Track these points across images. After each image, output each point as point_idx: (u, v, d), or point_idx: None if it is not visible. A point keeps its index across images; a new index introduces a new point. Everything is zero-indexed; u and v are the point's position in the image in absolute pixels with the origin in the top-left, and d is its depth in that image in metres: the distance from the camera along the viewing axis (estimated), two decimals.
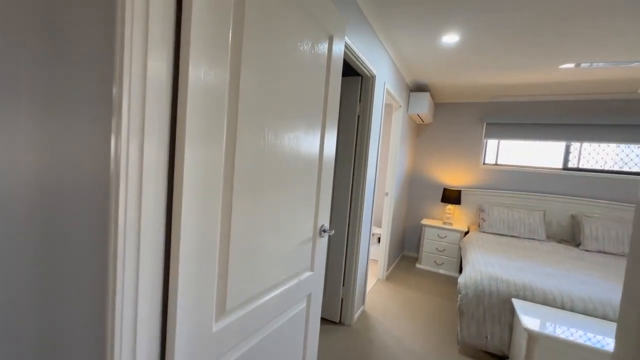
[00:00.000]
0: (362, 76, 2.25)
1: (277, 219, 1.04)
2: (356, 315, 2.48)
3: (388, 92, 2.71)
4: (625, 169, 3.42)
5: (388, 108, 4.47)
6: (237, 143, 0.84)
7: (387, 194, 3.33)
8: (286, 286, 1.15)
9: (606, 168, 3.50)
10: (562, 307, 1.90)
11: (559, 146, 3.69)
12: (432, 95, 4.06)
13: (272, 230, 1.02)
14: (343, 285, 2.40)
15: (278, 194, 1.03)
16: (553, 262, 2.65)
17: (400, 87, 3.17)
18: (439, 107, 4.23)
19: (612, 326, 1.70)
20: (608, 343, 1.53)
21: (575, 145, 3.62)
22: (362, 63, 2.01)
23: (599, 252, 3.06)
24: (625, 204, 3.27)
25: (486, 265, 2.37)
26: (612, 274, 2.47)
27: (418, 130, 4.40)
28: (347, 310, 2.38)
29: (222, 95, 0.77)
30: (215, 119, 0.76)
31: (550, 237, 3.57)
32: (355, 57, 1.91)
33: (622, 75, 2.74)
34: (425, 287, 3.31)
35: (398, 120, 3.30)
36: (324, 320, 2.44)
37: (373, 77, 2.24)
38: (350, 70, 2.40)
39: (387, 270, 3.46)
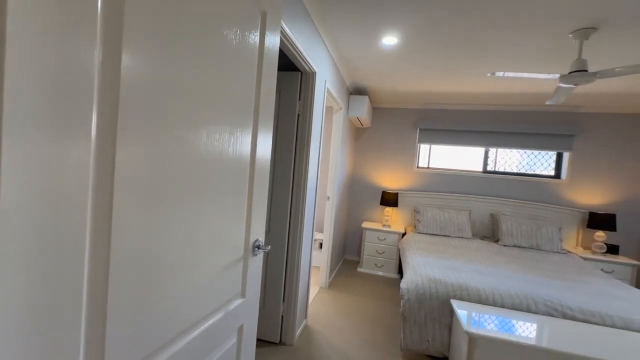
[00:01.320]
0: (301, 72, 2.08)
1: (192, 238, 0.78)
2: (298, 332, 2.28)
3: (329, 93, 2.60)
4: (530, 171, 3.92)
5: (329, 110, 4.41)
6: (120, 143, 0.57)
7: (328, 198, 3.22)
8: (208, 323, 0.89)
9: (517, 171, 3.96)
10: (494, 304, 1.99)
11: (479, 151, 4.06)
12: (370, 100, 4.12)
13: (184, 253, 0.76)
14: (283, 301, 2.17)
15: (193, 207, 0.77)
16: (480, 258, 2.84)
17: (341, 88, 3.10)
18: (377, 111, 4.32)
19: (537, 318, 1.82)
20: (535, 337, 1.61)
21: (492, 151, 4.02)
22: (302, 57, 1.84)
23: (515, 246, 3.41)
24: (533, 202, 3.73)
25: (425, 268, 2.40)
26: (527, 266, 2.74)
27: (357, 133, 4.42)
28: (288, 328, 2.16)
29: (86, 79, 0.50)
30: (73, 108, 0.49)
31: (475, 235, 3.89)
32: (294, 48, 1.72)
33: (533, 89, 3.10)
34: (367, 291, 3.28)
35: (339, 122, 3.22)
36: (261, 343, 2.18)
37: (314, 74, 2.09)
38: (289, 65, 2.21)
39: (329, 277, 3.34)
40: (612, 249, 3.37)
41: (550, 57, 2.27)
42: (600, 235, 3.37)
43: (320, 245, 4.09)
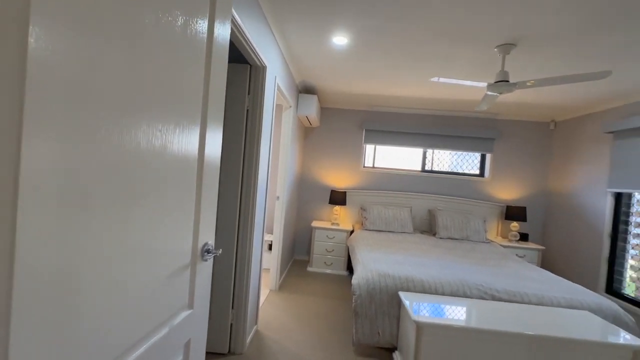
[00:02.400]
0: (251, 65, 1.98)
1: (126, 247, 0.66)
2: (248, 340, 2.16)
3: (279, 89, 2.53)
4: (460, 171, 4.36)
5: (278, 108, 4.31)
6: (27, 134, 0.45)
7: (278, 197, 3.14)
8: (149, 343, 0.76)
9: (449, 170, 4.37)
10: (436, 292, 2.15)
11: (418, 152, 4.38)
12: (319, 99, 4.15)
13: (115, 266, 0.64)
14: (232, 307, 2.04)
15: (128, 212, 0.65)
16: (422, 251, 3.06)
17: (291, 86, 3.05)
18: (326, 111, 4.37)
19: (472, 302, 2.01)
20: (472, 319, 1.78)
21: (429, 152, 4.37)
22: (253, 49, 1.75)
23: (449, 238, 3.75)
24: (462, 198, 4.15)
25: (374, 263, 2.48)
26: (460, 255, 3.03)
27: (306, 132, 4.42)
28: (237, 336, 2.04)
29: None
30: None
31: (416, 229, 4.18)
32: (245, 39, 1.62)
33: (464, 96, 3.44)
34: (317, 290, 3.28)
35: (288, 120, 3.17)
36: (209, 355, 2.01)
37: (264, 68, 2.00)
38: (238, 57, 2.09)
39: (279, 279, 3.26)
40: (524, 237, 3.94)
41: (479, 67, 2.55)
42: (514, 225, 3.90)
43: (270, 247, 3.98)
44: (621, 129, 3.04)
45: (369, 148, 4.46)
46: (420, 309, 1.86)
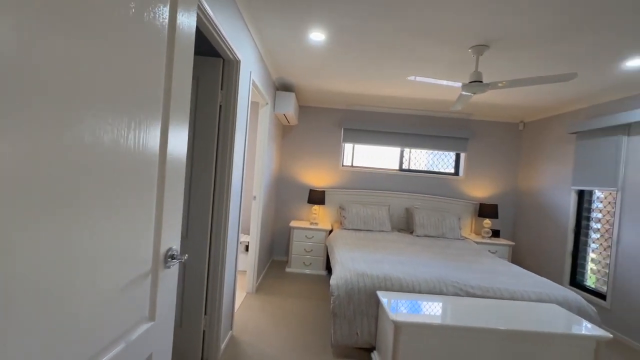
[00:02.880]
0: (224, 59, 1.89)
1: (73, 253, 0.58)
2: (223, 346, 2.07)
3: (255, 85, 2.44)
4: (435, 169, 4.46)
5: (254, 105, 4.21)
6: None
7: (255, 197, 3.05)
8: None
9: (426, 169, 4.45)
10: (413, 290, 2.16)
11: (396, 151, 4.43)
12: (297, 97, 4.08)
13: (61, 274, 0.56)
14: (205, 313, 1.94)
15: (72, 216, 0.57)
16: (399, 249, 3.08)
17: (267, 83, 2.97)
18: (304, 109, 4.32)
19: (448, 299, 2.03)
20: (448, 317, 1.79)
21: (406, 151, 4.43)
22: (225, 41, 1.66)
23: (425, 236, 3.82)
24: (438, 196, 4.24)
25: (353, 262, 2.46)
26: (437, 253, 3.09)
27: (284, 131, 4.34)
28: (211, 343, 1.94)
29: None
30: None
31: (393, 228, 4.22)
32: (216, 30, 1.53)
33: (440, 96, 3.50)
34: (296, 291, 3.23)
35: (265, 118, 3.08)
36: None
37: (238, 62, 1.92)
38: (210, 50, 1.99)
39: (257, 281, 3.18)
40: (495, 233, 4.09)
41: (454, 67, 2.59)
42: (487, 222, 4.04)
43: (247, 248, 3.87)
44: (584, 129, 3.21)
45: (348, 147, 4.45)
46: (398, 308, 1.86)
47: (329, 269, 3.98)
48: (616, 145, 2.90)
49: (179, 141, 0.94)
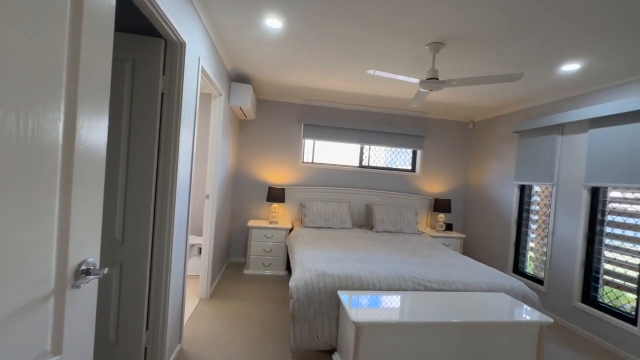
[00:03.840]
0: (166, 40, 1.67)
1: None
2: None
3: (205, 73, 2.23)
4: (394, 166, 4.56)
5: (206, 97, 3.91)
6: None
7: (207, 196, 2.82)
8: None
9: (385, 166, 4.53)
10: (374, 288, 2.13)
11: (356, 147, 4.44)
12: (255, 90, 3.88)
13: None
14: (147, 328, 1.72)
15: None
16: (360, 246, 3.07)
17: (221, 72, 2.75)
18: (262, 103, 4.12)
19: (408, 295, 2.04)
20: (408, 313, 1.79)
21: (366, 147, 4.46)
22: (165, 18, 1.45)
23: (385, 231, 3.88)
24: (396, 192, 4.34)
25: (313, 262, 2.38)
26: (396, 248, 3.13)
27: (241, 125, 4.11)
28: None
29: None
30: None
31: (354, 224, 4.23)
32: (152, 4, 1.32)
33: (399, 94, 3.55)
34: (255, 294, 3.07)
35: (219, 110, 2.86)
36: None
37: (182, 45, 1.71)
38: (149, 28, 1.75)
39: (211, 287, 2.95)
40: (449, 227, 4.29)
41: (412, 64, 2.61)
42: (441, 217, 4.22)
43: (200, 251, 3.60)
44: (524, 129, 3.47)
45: (308, 143, 4.36)
46: (359, 308, 1.81)
47: (289, 269, 3.86)
48: (552, 144, 3.18)
49: (94, 130, 0.76)
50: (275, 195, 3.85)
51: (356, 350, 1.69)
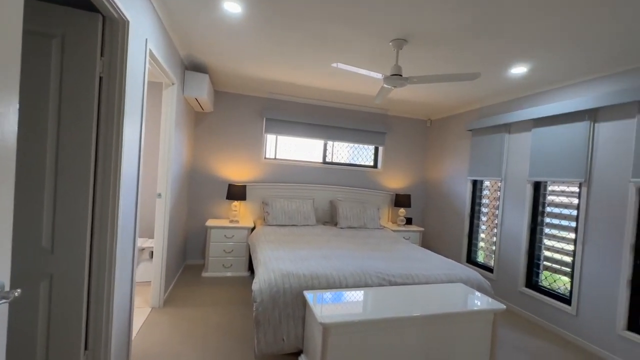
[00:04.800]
0: (104, 15, 1.44)
1: None
2: None
3: (154, 58, 2.00)
4: (357, 162, 4.59)
5: (157, 85, 3.58)
6: None
7: (159, 195, 2.57)
8: None
9: (348, 162, 4.54)
10: (340, 286, 2.10)
11: (319, 143, 4.39)
12: (212, 81, 3.63)
13: None
14: (86, 348, 1.50)
15: None
16: (324, 242, 3.03)
17: (173, 59, 2.51)
18: (220, 95, 3.88)
19: (373, 291, 2.04)
20: (374, 310, 1.78)
21: (330, 143, 4.44)
22: None
23: (349, 227, 3.89)
24: (359, 188, 4.38)
25: (277, 262, 2.28)
26: (360, 243, 3.15)
27: (197, 118, 3.83)
28: None
29: None
30: None
31: (318, 221, 4.19)
32: None
33: (362, 90, 3.54)
34: (214, 298, 2.88)
35: (171, 101, 2.61)
36: None
37: (125, 23, 1.49)
38: (82, 1, 1.50)
39: (165, 293, 2.71)
40: (409, 221, 4.45)
41: (376, 59, 2.61)
42: (402, 211, 4.36)
43: (152, 255, 3.30)
44: (477, 127, 3.69)
45: (271, 138, 4.21)
46: (325, 308, 1.76)
47: (252, 269, 3.71)
48: (501, 142, 3.41)
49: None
50: (236, 192, 3.66)
51: (324, 350, 1.64)
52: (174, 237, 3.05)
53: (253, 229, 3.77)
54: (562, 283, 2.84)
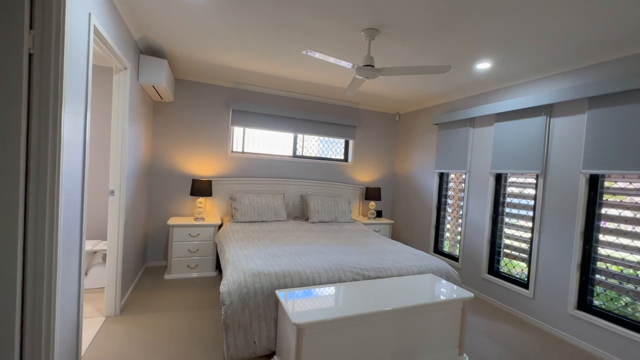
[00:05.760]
0: None
1: None
2: None
3: (100, 37, 1.76)
4: (327, 156, 4.54)
5: (106, 71, 3.23)
6: None
7: (112, 192, 2.32)
8: None
9: (318, 155, 4.48)
10: (314, 283, 2.04)
11: (289, 136, 4.27)
12: (172, 68, 3.35)
13: None
14: None
15: None
16: (296, 238, 2.95)
17: (124, 40, 2.24)
18: (182, 84, 3.61)
19: (347, 286, 2.00)
20: (347, 307, 1.74)
21: (300, 137, 4.33)
22: None
23: (320, 222, 3.84)
24: (330, 182, 4.34)
25: (247, 261, 2.16)
26: (332, 237, 3.11)
27: (156, 108, 3.53)
28: None
29: None
30: None
31: (289, 216, 4.09)
32: None
33: (333, 82, 3.46)
34: (178, 302, 2.69)
35: (123, 87, 2.35)
36: None
37: None
38: None
39: (121, 300, 2.48)
40: (379, 214, 4.51)
41: (348, 49, 2.54)
42: (372, 204, 4.40)
43: (104, 258, 3.00)
44: (443, 121, 3.80)
45: (238, 131, 4.01)
46: (299, 307, 1.69)
47: (220, 268, 3.53)
48: (465, 135, 3.54)
49: None
50: (201, 188, 3.45)
51: (298, 351, 1.58)
52: (132, 237, 2.79)
53: (220, 226, 3.58)
54: (520, 268, 3.02)
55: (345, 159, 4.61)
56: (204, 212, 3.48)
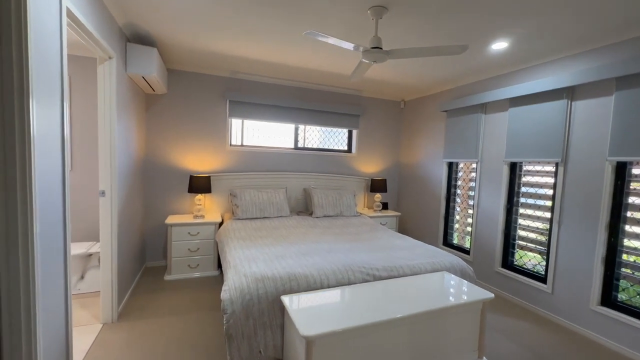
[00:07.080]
0: None
1: None
2: None
3: (76, 21, 1.57)
4: (330, 147, 4.36)
5: (89, 61, 3.02)
6: None
7: (102, 192, 2.16)
8: None
9: (320, 147, 4.29)
10: (322, 286, 1.90)
11: (290, 128, 4.08)
12: (163, 57, 3.15)
13: None
14: None
15: None
16: (300, 235, 2.80)
17: (107, 26, 2.05)
18: (175, 74, 3.40)
19: (358, 289, 1.86)
20: (360, 315, 1.60)
21: (302, 127, 4.14)
22: None
23: (325, 216, 3.69)
24: (334, 174, 4.17)
25: (250, 264, 2.02)
26: (337, 233, 2.96)
27: (148, 101, 3.34)
28: None
29: None
30: None
31: (292, 211, 3.94)
32: None
33: (336, 69, 3.24)
34: (180, 305, 2.57)
35: (109, 79, 2.16)
36: None
37: None
38: None
39: (119, 305, 2.35)
40: (385, 206, 4.35)
41: (353, 31, 2.33)
42: (378, 196, 4.24)
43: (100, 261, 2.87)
44: (452, 108, 3.59)
45: (236, 123, 3.82)
46: (307, 315, 1.54)
47: (222, 266, 3.40)
48: (476, 122, 3.34)
49: None
50: (199, 185, 3.29)
51: None
52: (127, 238, 2.65)
53: (221, 223, 3.43)
54: (536, 261, 2.87)
55: (349, 150, 4.43)
56: (204, 210, 3.33)
